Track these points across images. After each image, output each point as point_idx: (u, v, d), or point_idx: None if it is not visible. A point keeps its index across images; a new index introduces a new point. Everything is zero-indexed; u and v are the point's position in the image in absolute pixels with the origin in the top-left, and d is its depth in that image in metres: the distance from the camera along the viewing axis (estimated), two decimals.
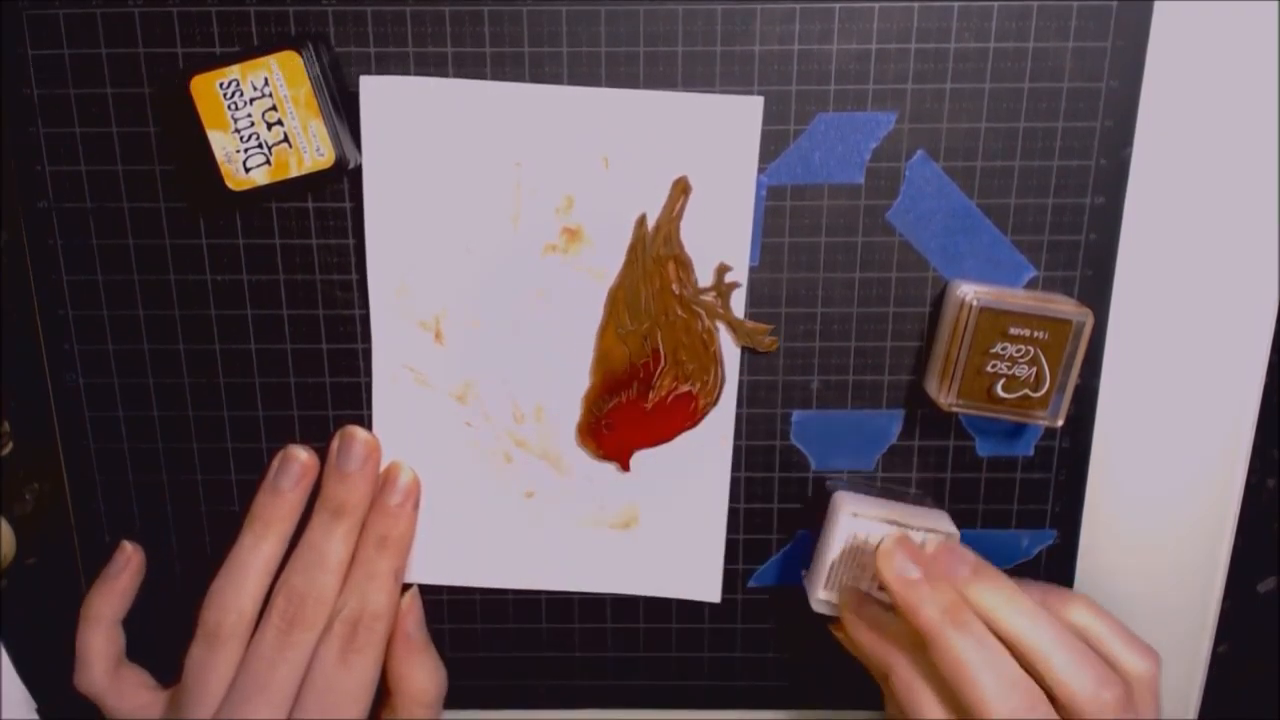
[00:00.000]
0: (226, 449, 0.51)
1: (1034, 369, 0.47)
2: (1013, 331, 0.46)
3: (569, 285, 0.49)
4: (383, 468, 0.51)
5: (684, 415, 0.50)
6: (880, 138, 0.47)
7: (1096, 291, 0.49)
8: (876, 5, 0.46)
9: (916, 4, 0.46)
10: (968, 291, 0.47)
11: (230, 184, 0.45)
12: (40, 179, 0.48)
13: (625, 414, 0.50)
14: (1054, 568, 0.52)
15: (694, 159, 0.47)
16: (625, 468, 0.51)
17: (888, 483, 0.51)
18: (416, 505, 0.51)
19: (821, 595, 0.49)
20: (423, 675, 0.51)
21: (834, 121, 0.47)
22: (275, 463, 0.50)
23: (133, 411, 0.51)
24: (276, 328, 0.50)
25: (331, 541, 0.49)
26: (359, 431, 0.50)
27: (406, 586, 0.52)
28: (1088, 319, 0.46)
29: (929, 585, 0.45)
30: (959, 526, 0.51)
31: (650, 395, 0.50)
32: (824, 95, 0.47)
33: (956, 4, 0.46)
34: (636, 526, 0.52)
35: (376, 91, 0.46)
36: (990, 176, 0.48)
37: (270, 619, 0.48)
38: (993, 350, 0.47)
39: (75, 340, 0.50)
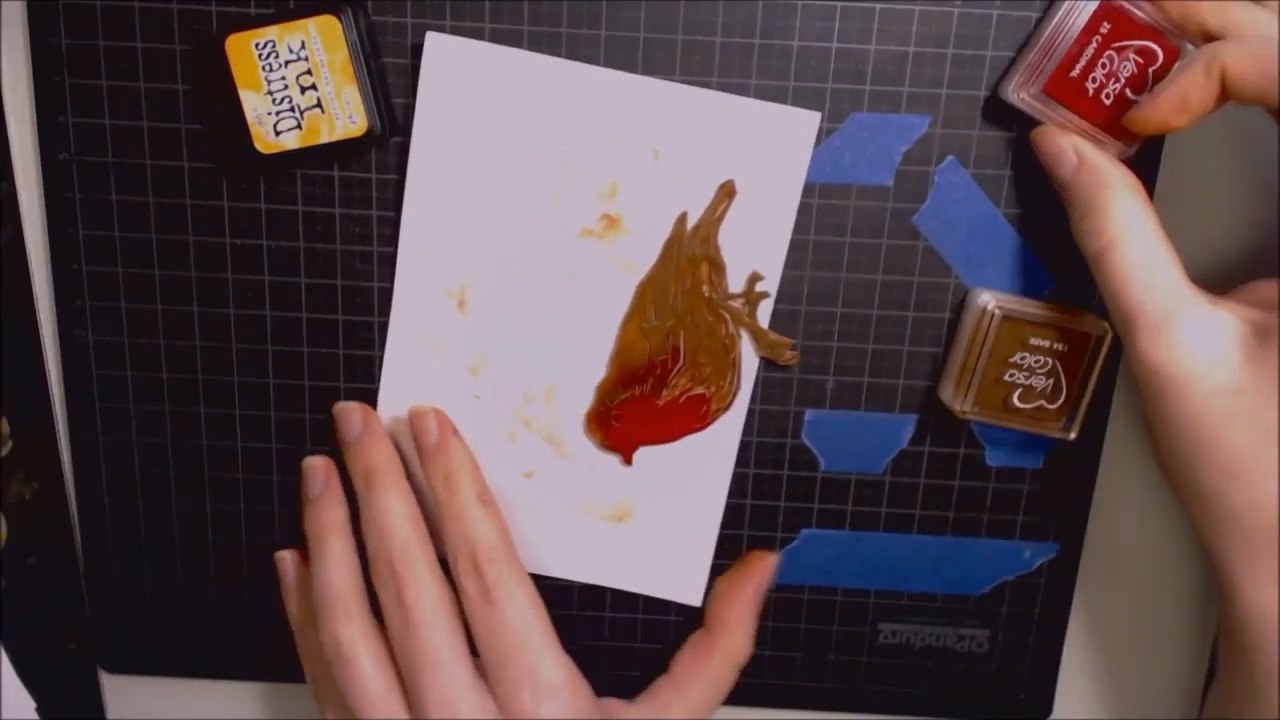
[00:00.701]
0: (234, 415, 0.51)
1: (1051, 380, 0.47)
2: (1033, 342, 0.46)
3: (600, 273, 0.48)
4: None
5: (694, 417, 0.50)
6: (912, 141, 0.47)
7: None
8: (917, 8, 0.46)
9: (956, 9, 0.46)
10: (989, 300, 0.47)
11: (260, 146, 0.44)
12: (63, 130, 0.47)
13: (636, 408, 0.50)
14: (1054, 580, 0.53)
15: (743, 163, 0.47)
16: (628, 461, 0.51)
17: (895, 489, 0.52)
18: (456, 432, 0.49)
19: (956, 403, 0.48)
20: (745, 633, 0.52)
21: (867, 122, 0.47)
22: (302, 483, 0.50)
23: (141, 372, 0.50)
24: (293, 295, 0.49)
25: (380, 502, 0.47)
26: (341, 404, 0.50)
27: None
28: (1108, 333, 0.46)
29: None
30: (963, 534, 0.51)
31: (664, 393, 0.50)
32: (859, 95, 0.47)
33: (995, 11, 0.46)
34: (630, 520, 0.52)
35: (440, 49, 0.46)
36: (1018, 186, 0.48)
37: (385, 607, 0.46)
38: (1011, 360, 0.47)
39: (88, 296, 0.49)
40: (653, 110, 0.47)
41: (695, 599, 0.53)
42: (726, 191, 0.47)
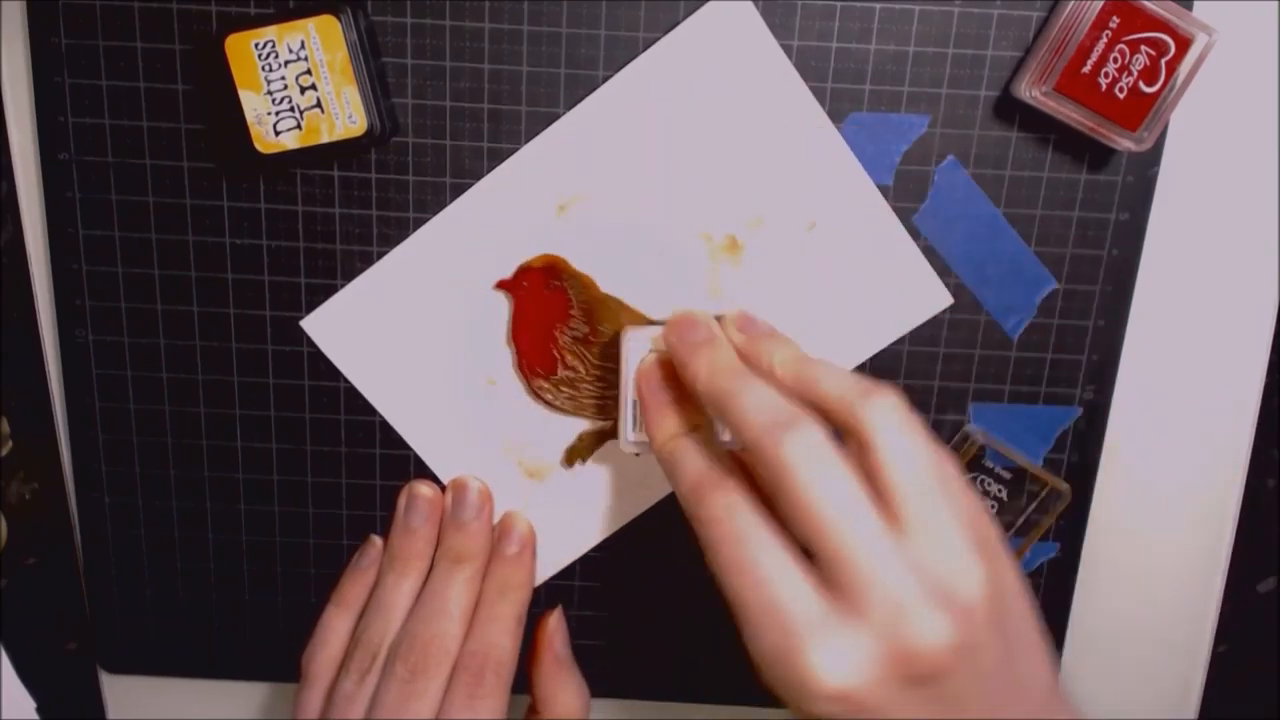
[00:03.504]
0: (234, 415, 0.51)
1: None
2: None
3: (698, 263, 0.49)
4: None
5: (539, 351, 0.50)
6: (911, 140, 0.47)
7: (1115, 307, 0.49)
8: (917, 7, 0.46)
9: (956, 8, 0.46)
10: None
11: (260, 146, 0.44)
12: (63, 130, 0.47)
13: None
14: (1054, 580, 0.53)
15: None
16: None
17: None
18: (534, 553, 0.52)
19: (631, 438, 0.47)
20: (569, 694, 0.53)
21: (867, 121, 0.47)
22: (402, 502, 0.51)
23: (141, 372, 0.50)
24: (292, 295, 0.49)
25: (453, 588, 0.50)
26: (470, 481, 0.51)
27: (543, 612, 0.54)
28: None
29: (709, 347, 0.43)
30: None
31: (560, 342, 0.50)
32: (859, 94, 0.47)
33: (996, 11, 0.46)
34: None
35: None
36: (1018, 186, 0.48)
37: (394, 668, 0.48)
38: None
39: (88, 296, 0.49)
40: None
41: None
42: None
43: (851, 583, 0.36)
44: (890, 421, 0.38)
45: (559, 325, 0.49)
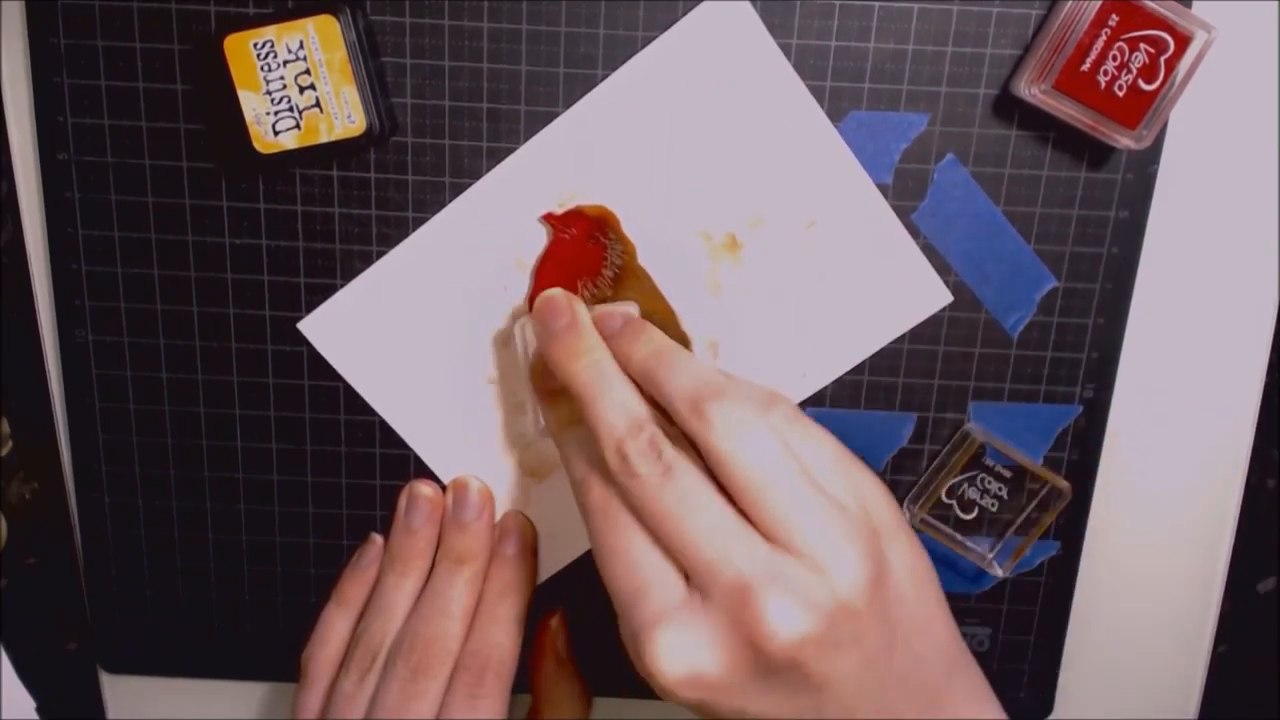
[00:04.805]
0: (234, 415, 0.51)
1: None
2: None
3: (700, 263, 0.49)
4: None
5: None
6: (911, 139, 0.47)
7: (1115, 305, 0.49)
8: (916, 6, 0.46)
9: (955, 7, 0.46)
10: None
11: (259, 146, 0.44)
12: (63, 130, 0.47)
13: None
14: (1055, 578, 0.53)
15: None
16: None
17: (895, 487, 0.51)
18: (535, 553, 0.52)
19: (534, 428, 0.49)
20: (571, 696, 0.53)
21: (866, 120, 0.47)
22: (402, 502, 0.51)
23: (141, 372, 0.50)
24: (292, 295, 0.49)
25: (455, 589, 0.50)
26: (471, 481, 0.51)
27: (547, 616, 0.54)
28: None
29: (570, 332, 0.44)
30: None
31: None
32: (858, 93, 0.47)
33: (995, 9, 0.46)
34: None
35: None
36: (1018, 184, 0.48)
37: (395, 668, 0.48)
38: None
39: (88, 297, 0.49)
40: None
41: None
42: None
43: (703, 571, 0.38)
44: (728, 427, 0.39)
45: (585, 279, 0.49)
